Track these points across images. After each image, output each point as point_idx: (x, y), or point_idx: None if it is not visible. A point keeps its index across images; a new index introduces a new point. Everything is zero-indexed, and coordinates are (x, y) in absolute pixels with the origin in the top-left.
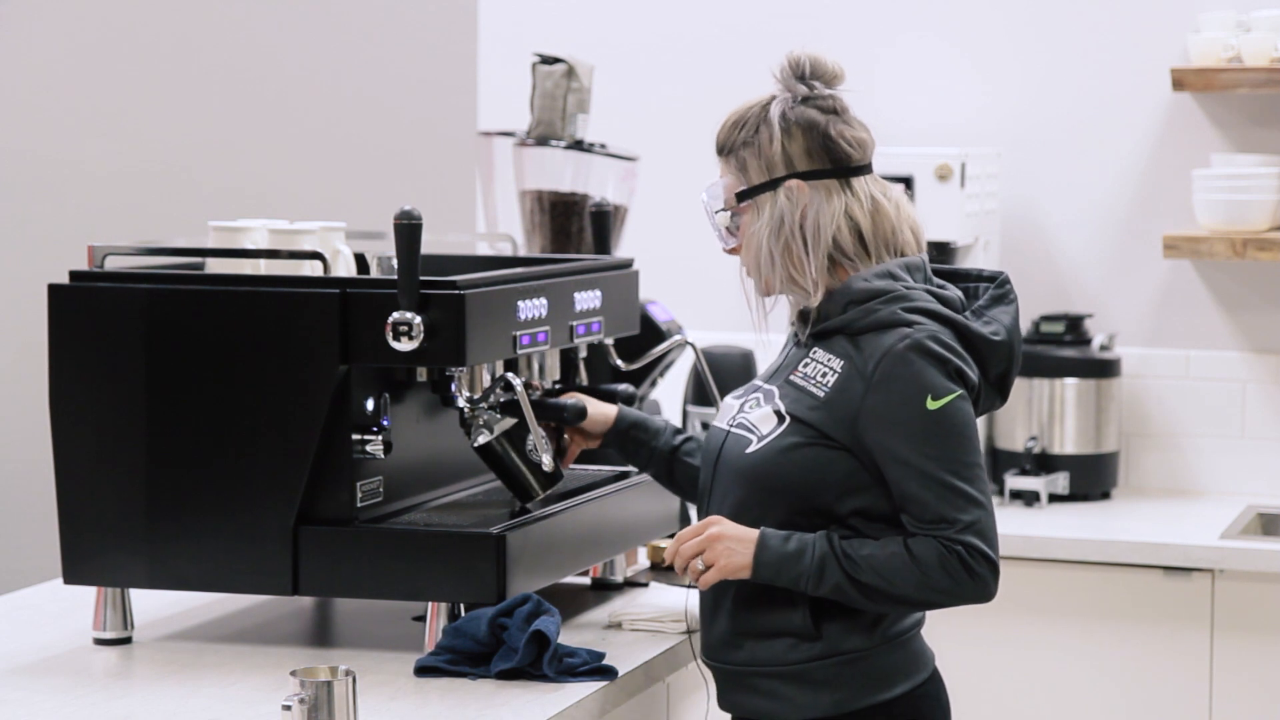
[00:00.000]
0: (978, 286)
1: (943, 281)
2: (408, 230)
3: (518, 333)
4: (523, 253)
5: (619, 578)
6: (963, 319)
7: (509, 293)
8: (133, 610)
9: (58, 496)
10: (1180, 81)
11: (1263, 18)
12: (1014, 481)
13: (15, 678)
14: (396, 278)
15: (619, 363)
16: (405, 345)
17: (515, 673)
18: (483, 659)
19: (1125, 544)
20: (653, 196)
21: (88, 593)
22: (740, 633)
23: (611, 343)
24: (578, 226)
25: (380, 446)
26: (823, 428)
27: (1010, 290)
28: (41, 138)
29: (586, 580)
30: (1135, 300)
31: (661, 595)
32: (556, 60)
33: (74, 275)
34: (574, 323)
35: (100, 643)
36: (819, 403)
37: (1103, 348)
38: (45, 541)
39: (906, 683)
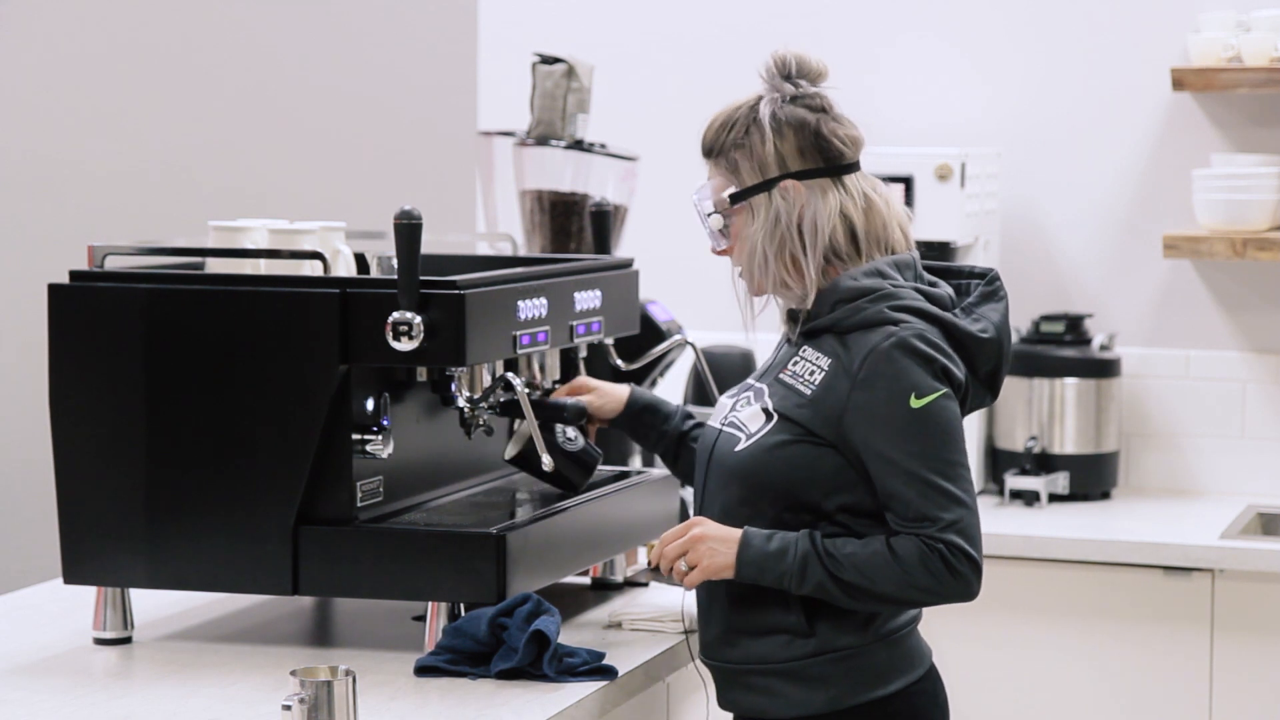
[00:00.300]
0: (969, 283)
1: (933, 279)
2: (408, 230)
3: (518, 333)
4: (523, 253)
5: (619, 578)
6: (950, 317)
7: (509, 293)
8: (133, 610)
9: (58, 496)
10: (1180, 81)
11: (1263, 18)
12: (1014, 481)
13: (15, 678)
14: (396, 277)
15: (619, 362)
16: (405, 345)
17: (515, 672)
18: (483, 659)
19: (1125, 544)
20: (653, 196)
21: (88, 593)
22: (735, 630)
23: (611, 343)
24: (578, 226)
25: (381, 446)
26: (809, 425)
27: (1000, 287)
28: (41, 138)
29: (586, 580)
30: (1135, 300)
31: (661, 595)
32: (556, 60)
33: (74, 275)
34: (574, 322)
35: (100, 643)
36: (806, 400)
37: (1103, 347)
38: (45, 541)
39: (901, 680)
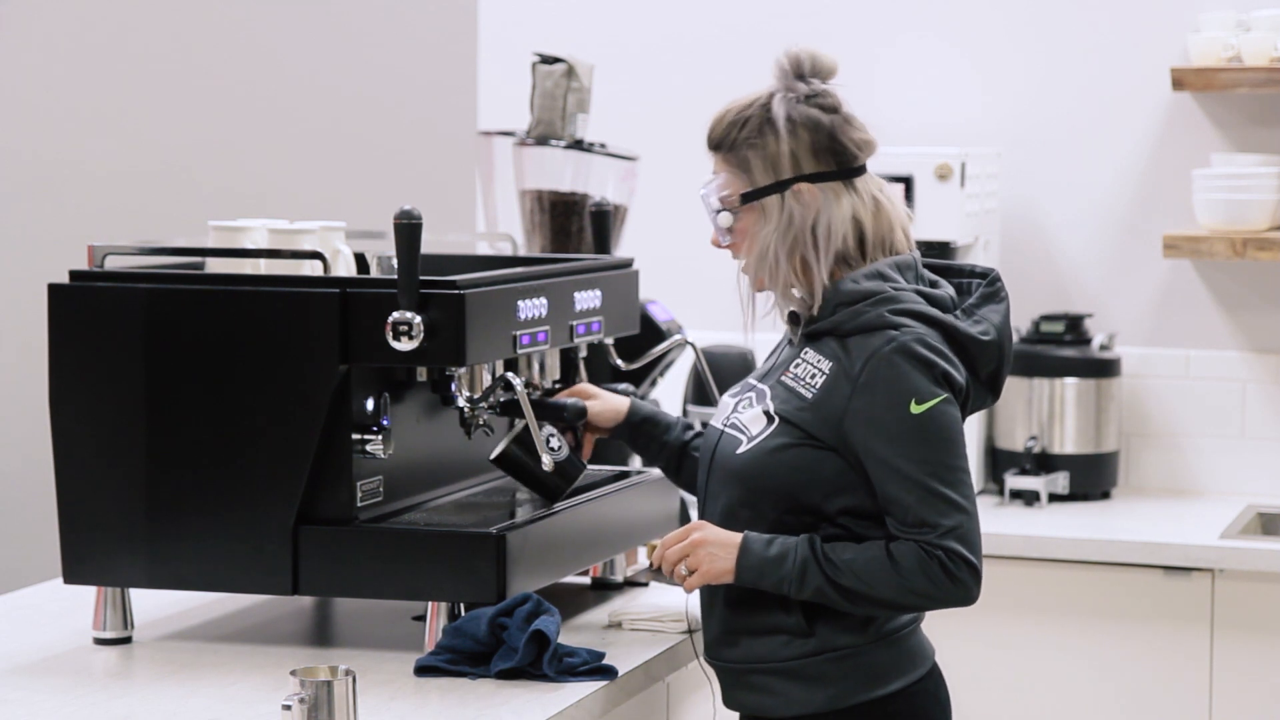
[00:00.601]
0: (970, 283)
1: (935, 279)
2: (408, 230)
3: (518, 332)
4: (523, 252)
5: (619, 578)
6: (951, 320)
7: (509, 292)
8: (133, 610)
9: (58, 496)
10: (1180, 81)
11: (1263, 17)
12: (1014, 481)
13: (15, 677)
14: (396, 277)
15: (619, 362)
16: (405, 345)
17: (515, 672)
18: (483, 659)
19: (1125, 544)
20: (653, 196)
21: (88, 593)
22: (735, 630)
23: (611, 342)
24: (578, 226)
25: (381, 446)
26: (810, 429)
27: (1001, 288)
28: (41, 138)
29: (586, 580)
30: (1135, 300)
31: (661, 595)
32: (556, 60)
33: (74, 275)
34: (574, 322)
35: (100, 642)
36: (806, 404)
37: (1103, 347)
38: (45, 541)
39: (902, 679)
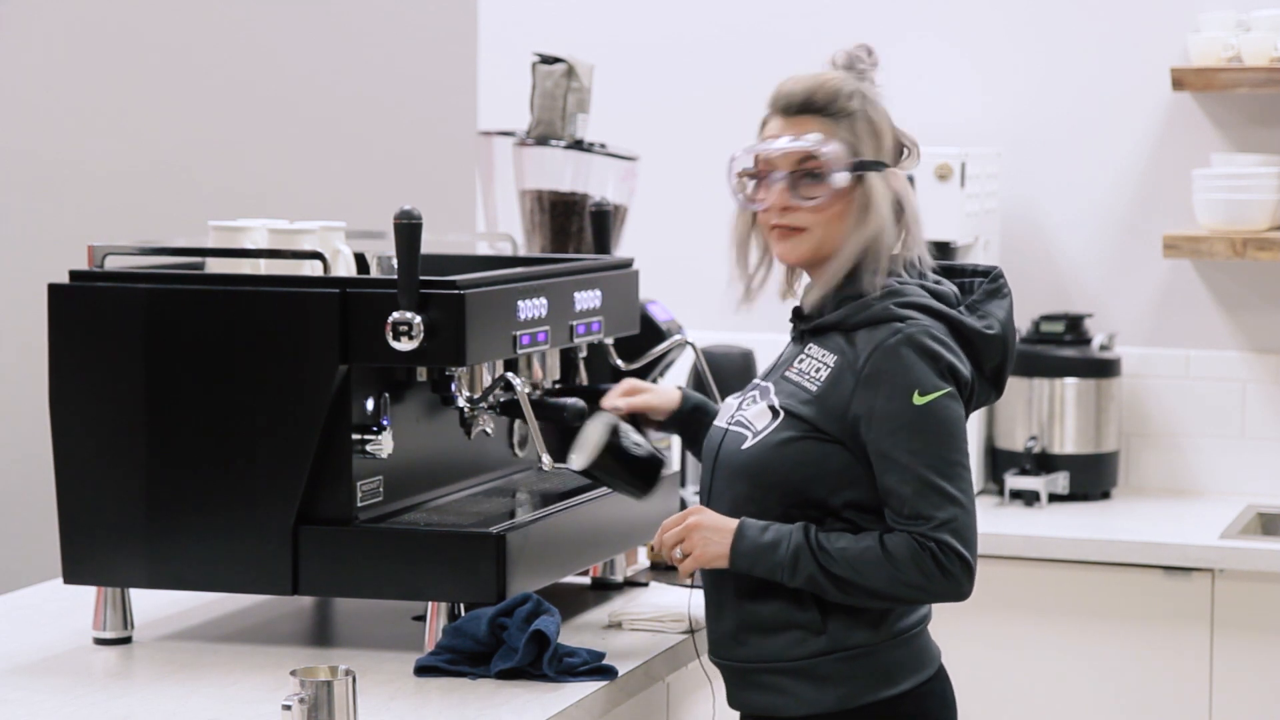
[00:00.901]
0: (972, 281)
1: (938, 277)
2: (408, 230)
3: (518, 332)
4: (522, 252)
5: (619, 578)
6: (956, 314)
7: (509, 293)
8: (133, 610)
9: (58, 496)
10: (1180, 81)
11: (1263, 17)
12: (1014, 481)
13: (15, 678)
14: (396, 277)
15: (619, 362)
16: (405, 345)
17: (515, 672)
18: (483, 659)
19: (1125, 544)
20: (653, 196)
21: (88, 593)
22: (745, 628)
23: (611, 342)
24: (578, 226)
25: (380, 446)
26: (815, 421)
27: (1004, 284)
28: (41, 138)
29: (586, 580)
30: (1135, 300)
31: (661, 595)
32: (556, 60)
33: (74, 275)
34: (574, 322)
35: (100, 642)
36: (811, 397)
37: (1103, 347)
38: (45, 541)
39: (912, 679)
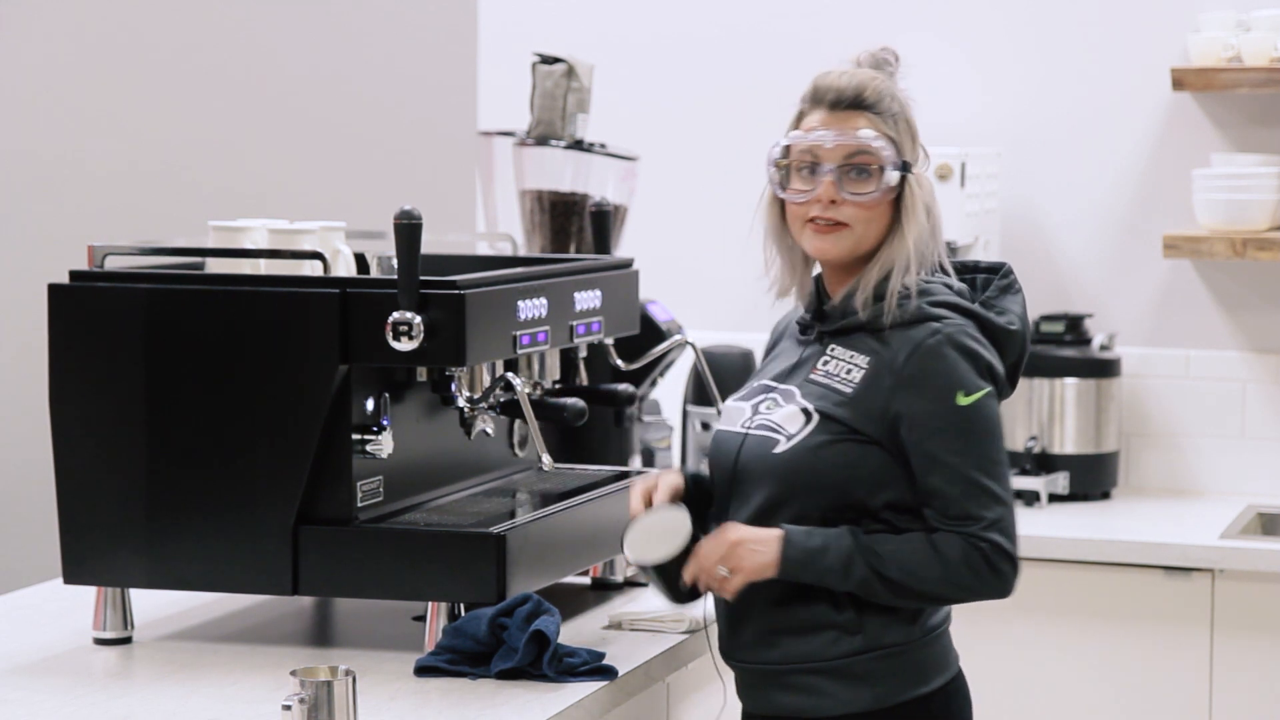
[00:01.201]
0: (976, 278)
1: (947, 274)
2: (408, 230)
3: (518, 333)
4: (523, 253)
5: (619, 578)
6: (982, 311)
7: (509, 293)
8: (133, 610)
9: (57, 496)
10: (1180, 81)
11: (1263, 17)
12: (1014, 481)
13: (15, 678)
14: (396, 278)
15: (619, 362)
16: (405, 345)
17: (515, 672)
18: (483, 659)
19: (1125, 544)
20: (653, 196)
21: (88, 593)
22: (775, 630)
23: (611, 343)
24: (578, 226)
25: (381, 446)
26: (851, 423)
27: (1015, 280)
28: (41, 137)
29: (586, 580)
30: (1135, 300)
31: (662, 595)
32: (556, 60)
33: (74, 275)
34: (574, 323)
35: (100, 643)
36: (846, 399)
37: (1103, 347)
38: (45, 541)
39: (941, 677)
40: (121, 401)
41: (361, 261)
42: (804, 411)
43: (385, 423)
